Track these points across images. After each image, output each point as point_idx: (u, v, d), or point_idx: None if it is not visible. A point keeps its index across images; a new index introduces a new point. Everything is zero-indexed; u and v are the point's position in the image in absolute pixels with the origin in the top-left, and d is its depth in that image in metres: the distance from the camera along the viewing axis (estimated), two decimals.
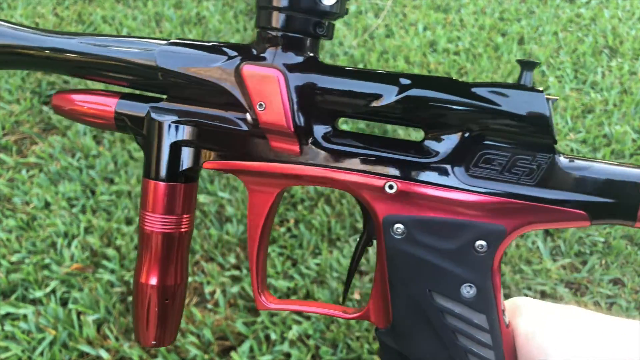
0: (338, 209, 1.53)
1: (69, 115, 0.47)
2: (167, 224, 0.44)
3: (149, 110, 0.44)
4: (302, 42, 0.40)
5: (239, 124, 0.42)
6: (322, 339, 1.23)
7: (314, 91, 0.40)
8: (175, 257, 0.45)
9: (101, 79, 0.46)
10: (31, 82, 2.04)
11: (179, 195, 0.44)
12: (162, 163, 0.43)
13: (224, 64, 0.41)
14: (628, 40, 2.42)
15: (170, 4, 2.54)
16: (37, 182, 1.61)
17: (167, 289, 0.45)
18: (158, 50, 0.42)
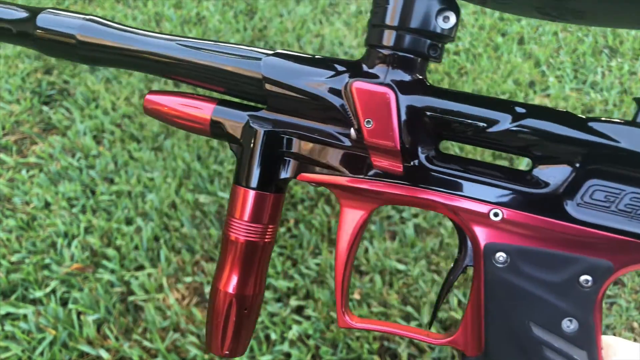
0: (338, 209, 1.53)
1: (161, 116, 0.47)
2: (253, 233, 0.44)
3: (248, 118, 0.44)
4: (413, 62, 0.39)
5: (340, 138, 0.42)
6: (322, 339, 1.23)
7: (423, 112, 0.39)
8: (256, 267, 0.45)
9: (198, 83, 0.46)
10: (31, 82, 2.04)
11: (267, 205, 0.44)
12: (256, 172, 0.43)
13: (332, 79, 0.41)
14: (628, 40, 2.42)
15: (170, 4, 2.54)
16: (37, 182, 1.61)
17: (246, 298, 0.45)
18: (264, 61, 0.42)
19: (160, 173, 1.63)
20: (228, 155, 1.69)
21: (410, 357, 1.21)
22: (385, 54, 0.39)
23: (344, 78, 0.40)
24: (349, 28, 2.47)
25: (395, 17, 0.38)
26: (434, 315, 0.46)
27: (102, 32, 0.46)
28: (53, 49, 0.47)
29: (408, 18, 0.38)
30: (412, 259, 1.40)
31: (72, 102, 1.94)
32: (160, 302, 1.29)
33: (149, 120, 1.84)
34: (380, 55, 0.40)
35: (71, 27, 0.46)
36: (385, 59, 0.39)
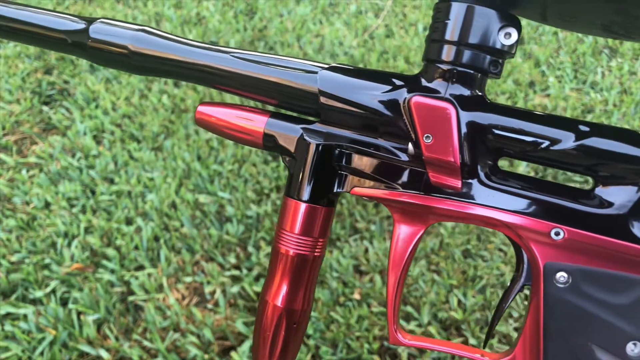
0: (338, 209, 1.53)
1: (213, 128, 0.47)
2: (303, 246, 0.44)
3: (302, 131, 0.44)
4: (473, 78, 0.39)
5: (396, 153, 0.41)
6: (322, 339, 1.23)
7: (483, 129, 0.39)
8: (305, 281, 0.45)
9: (251, 96, 0.46)
10: (31, 82, 2.04)
11: (318, 218, 0.44)
12: (308, 185, 0.43)
13: (390, 93, 0.40)
14: None
15: (170, 4, 2.54)
16: (37, 182, 1.61)
17: (295, 313, 0.44)
18: (320, 75, 0.42)
19: (160, 173, 1.63)
20: (228, 155, 1.69)
21: (410, 357, 1.21)
22: (445, 69, 0.39)
23: (402, 92, 0.40)
24: (349, 28, 2.47)
25: (456, 33, 0.38)
26: (488, 337, 0.45)
27: (155, 43, 0.46)
28: (106, 59, 0.47)
29: (469, 33, 0.38)
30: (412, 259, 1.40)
31: (72, 102, 1.94)
32: (160, 302, 1.30)
33: (149, 120, 1.84)
34: (440, 70, 0.39)
35: (124, 38, 0.46)
36: (444, 74, 0.39)
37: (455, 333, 1.26)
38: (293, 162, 0.44)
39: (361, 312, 1.26)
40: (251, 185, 1.60)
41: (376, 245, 1.43)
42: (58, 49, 0.49)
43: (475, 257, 1.43)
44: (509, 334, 1.26)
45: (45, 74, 2.11)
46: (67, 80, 2.07)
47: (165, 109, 1.90)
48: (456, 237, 1.46)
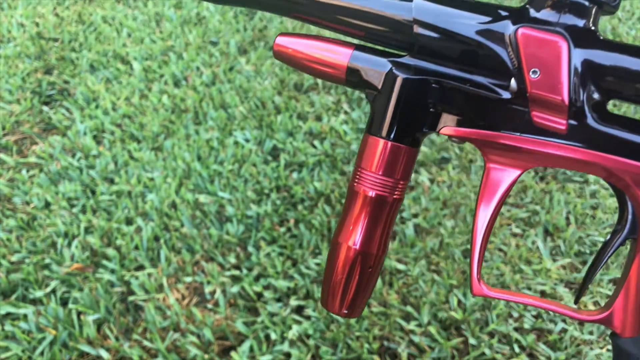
0: (338, 209, 1.53)
1: (292, 60, 0.44)
2: (384, 186, 0.41)
3: (391, 65, 0.40)
4: (588, 10, 0.36)
5: (495, 90, 0.38)
6: (322, 338, 1.23)
7: (596, 66, 0.36)
8: (383, 224, 0.42)
9: (335, 27, 0.43)
10: (31, 82, 2.04)
11: (402, 158, 0.41)
12: (394, 122, 0.40)
13: (493, 24, 0.37)
14: (628, 40, 2.42)
15: (170, 4, 2.54)
16: (37, 182, 1.61)
17: (371, 256, 0.42)
18: (416, 3, 0.39)
19: (160, 173, 1.63)
20: (228, 155, 1.69)
21: (410, 357, 1.21)
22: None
23: (507, 24, 0.37)
24: None
25: None
26: (581, 293, 0.43)
27: None
28: None
29: None
30: (412, 259, 1.40)
31: (72, 102, 1.94)
32: (160, 302, 1.30)
33: (149, 120, 1.84)
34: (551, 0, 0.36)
35: None
36: (555, 4, 0.36)
37: (455, 333, 1.26)
38: (379, 98, 0.41)
39: None
40: (251, 185, 1.60)
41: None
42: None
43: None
44: (508, 334, 1.26)
45: (45, 74, 2.11)
46: (67, 80, 2.07)
47: (165, 109, 1.90)
48: (456, 237, 1.46)
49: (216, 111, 1.88)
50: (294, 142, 1.75)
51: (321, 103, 1.92)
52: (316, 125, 1.81)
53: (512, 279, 1.36)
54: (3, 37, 2.30)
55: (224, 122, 1.83)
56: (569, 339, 1.26)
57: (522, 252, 1.44)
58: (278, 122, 1.83)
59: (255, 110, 1.90)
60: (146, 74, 2.08)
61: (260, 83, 2.01)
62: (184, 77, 2.07)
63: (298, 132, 1.80)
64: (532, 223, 1.54)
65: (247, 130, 1.80)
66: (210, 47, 2.23)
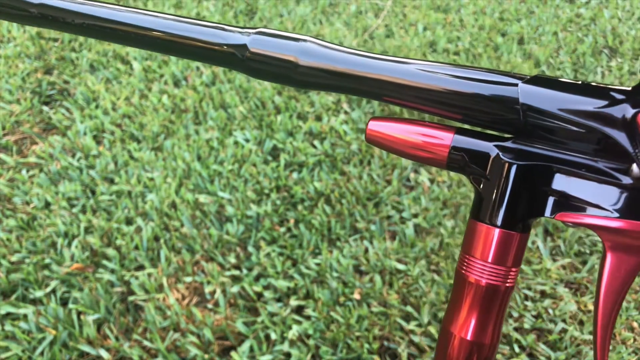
0: (338, 209, 1.53)
1: (388, 145, 0.43)
2: (495, 275, 0.40)
3: (498, 151, 0.39)
4: None
5: (614, 175, 0.37)
6: (322, 338, 1.23)
7: None
8: (495, 313, 0.41)
9: (434, 111, 0.42)
10: (31, 82, 2.04)
11: (513, 246, 0.40)
12: (505, 209, 0.39)
13: (610, 109, 0.36)
14: (628, 40, 2.42)
15: (170, 4, 2.54)
16: (37, 182, 1.61)
17: (484, 347, 0.41)
18: (522, 87, 0.38)
19: (160, 173, 1.63)
20: (228, 155, 1.69)
21: (410, 357, 1.21)
22: None
23: (626, 108, 0.36)
24: (349, 28, 2.47)
25: None
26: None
27: (324, 55, 0.42)
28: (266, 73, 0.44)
29: None
30: (412, 259, 1.40)
31: (72, 102, 1.94)
32: (160, 302, 1.30)
33: (149, 120, 1.84)
34: None
35: (289, 50, 0.43)
36: None
37: None
38: (485, 184, 0.40)
39: (361, 312, 1.26)
40: (251, 185, 1.60)
41: (376, 245, 1.43)
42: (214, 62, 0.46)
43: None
44: (508, 334, 1.26)
45: (45, 74, 2.11)
46: (67, 80, 2.07)
47: (165, 109, 1.90)
48: (456, 237, 1.46)
49: (216, 111, 1.88)
50: (294, 142, 1.75)
51: (321, 103, 1.92)
52: (316, 125, 1.81)
53: None
54: (3, 37, 2.30)
55: (224, 122, 1.83)
56: (569, 339, 1.26)
57: None
58: (278, 122, 1.83)
59: (255, 110, 1.90)
60: (146, 74, 2.08)
61: (260, 83, 2.01)
62: (184, 77, 2.07)
63: (298, 132, 1.80)
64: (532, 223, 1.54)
65: (247, 130, 1.80)
66: None
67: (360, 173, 1.65)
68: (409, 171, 1.67)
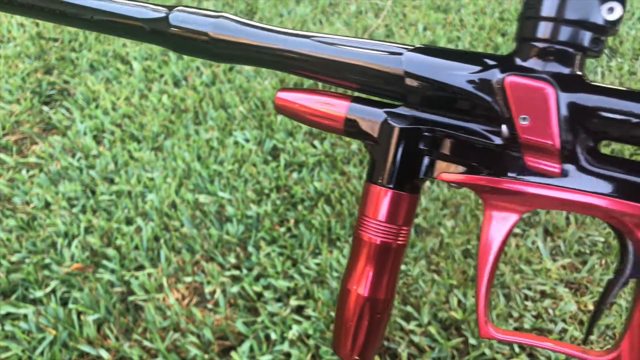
0: (338, 209, 1.53)
1: (293, 114, 0.46)
2: (387, 233, 0.42)
3: (386, 116, 0.42)
4: (573, 56, 0.37)
5: (488, 136, 0.39)
6: (322, 338, 1.23)
7: (584, 110, 0.37)
8: (389, 269, 0.43)
9: (332, 81, 0.44)
10: (31, 82, 2.04)
11: (403, 205, 0.42)
12: (393, 170, 0.42)
13: (482, 74, 0.39)
14: (628, 40, 2.42)
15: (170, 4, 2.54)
16: (37, 182, 1.61)
17: (379, 302, 0.43)
18: (406, 56, 0.41)
19: (160, 173, 1.63)
20: (228, 155, 1.69)
21: (410, 357, 1.22)
22: (542, 47, 0.37)
23: (495, 72, 0.38)
24: (349, 28, 2.47)
25: (554, 8, 0.36)
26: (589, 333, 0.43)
27: (236, 29, 0.45)
28: (186, 47, 0.47)
29: (568, 8, 0.36)
30: (412, 259, 1.40)
31: (72, 102, 1.94)
32: (160, 302, 1.30)
33: (149, 120, 1.84)
34: (536, 48, 0.37)
35: (204, 25, 0.46)
36: (541, 53, 0.37)
37: (455, 333, 1.26)
38: (376, 148, 0.43)
39: None
40: (251, 185, 1.60)
41: None
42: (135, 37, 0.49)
43: (476, 257, 1.43)
44: None
45: (45, 74, 2.11)
46: (67, 80, 2.07)
47: (165, 109, 1.90)
48: (456, 237, 1.46)
49: (216, 111, 1.88)
50: (294, 142, 1.75)
51: None
52: None
53: (512, 279, 1.36)
54: (3, 37, 2.30)
55: (224, 122, 1.83)
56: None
57: (522, 252, 1.44)
58: (278, 122, 1.83)
59: (255, 110, 1.90)
60: (146, 73, 2.08)
61: (260, 83, 2.01)
62: (184, 77, 2.07)
63: (298, 132, 1.80)
64: (532, 223, 1.54)
65: (247, 130, 1.80)
66: None
67: (360, 173, 1.65)
68: None
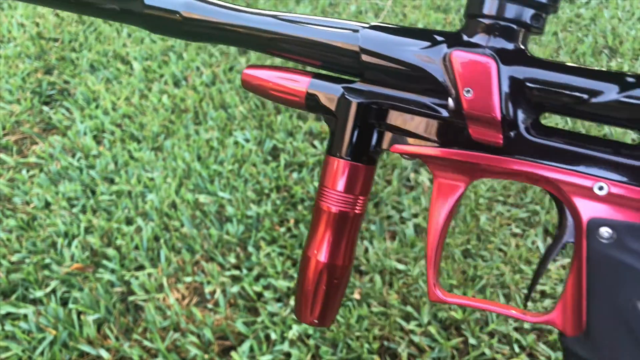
0: None
1: (258, 90, 0.48)
2: (344, 203, 0.44)
3: (343, 91, 0.44)
4: (515, 32, 0.39)
5: (437, 109, 0.41)
6: (322, 338, 1.23)
7: (524, 83, 0.39)
8: (346, 237, 0.45)
9: (295, 58, 0.46)
10: (31, 82, 2.04)
11: (360, 176, 0.44)
12: (350, 143, 0.44)
13: (430, 49, 0.41)
14: (628, 41, 2.43)
15: None
16: (37, 182, 1.61)
17: (337, 268, 0.45)
18: (362, 33, 0.43)
19: (160, 173, 1.63)
20: (228, 155, 1.69)
21: (410, 357, 1.22)
22: (487, 23, 0.39)
23: (443, 48, 0.40)
24: None
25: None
26: (530, 294, 0.45)
27: (206, 9, 0.47)
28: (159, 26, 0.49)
29: None
30: (412, 259, 1.40)
31: (72, 102, 1.94)
32: (161, 302, 1.30)
33: (149, 120, 1.84)
34: (481, 25, 0.39)
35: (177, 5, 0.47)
36: (485, 29, 0.39)
37: (455, 333, 1.26)
38: (334, 121, 0.45)
39: (361, 312, 1.26)
40: (251, 185, 1.60)
41: (376, 245, 1.43)
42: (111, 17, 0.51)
43: (475, 257, 1.43)
44: (508, 334, 1.26)
45: (45, 74, 2.11)
46: (67, 81, 2.07)
47: (165, 109, 1.90)
48: (456, 237, 1.46)
49: (216, 111, 1.88)
50: (294, 142, 1.75)
51: None
52: (316, 125, 1.81)
53: (512, 279, 1.36)
54: (3, 37, 2.30)
55: (224, 122, 1.83)
56: None
57: (522, 252, 1.44)
58: (278, 122, 1.83)
59: (255, 110, 1.90)
60: (146, 74, 2.08)
61: None
62: (184, 77, 2.07)
63: (298, 132, 1.80)
64: (532, 223, 1.54)
65: (247, 130, 1.80)
66: (210, 47, 2.23)
67: None
68: (409, 171, 1.68)
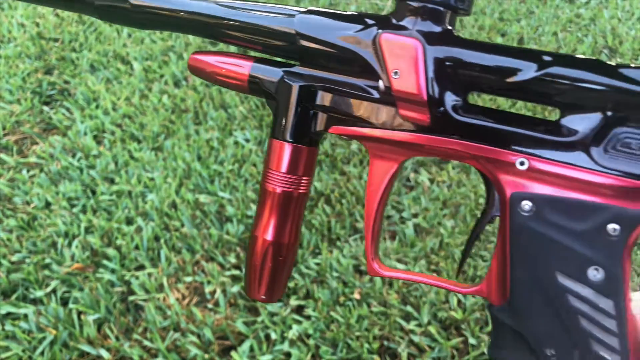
0: (338, 209, 1.53)
1: (203, 74, 0.49)
2: (288, 183, 0.46)
3: (283, 74, 0.45)
4: (442, 14, 0.41)
5: (369, 91, 0.43)
6: (322, 338, 1.23)
7: (450, 63, 0.40)
8: (291, 216, 0.47)
9: (237, 43, 0.48)
10: (32, 82, 2.05)
11: (302, 157, 0.46)
12: (290, 125, 0.45)
13: (362, 32, 0.42)
14: (627, 41, 2.43)
15: None
16: (37, 182, 1.61)
17: (282, 246, 0.47)
18: (298, 17, 0.44)
19: (160, 173, 1.63)
20: (228, 155, 1.70)
21: (410, 356, 1.22)
22: (414, 6, 0.41)
23: (373, 31, 0.42)
24: None
25: None
26: (461, 266, 0.47)
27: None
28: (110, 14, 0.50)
29: None
30: (412, 259, 1.40)
31: (72, 102, 1.94)
32: (161, 302, 1.30)
33: (149, 120, 1.84)
34: (409, 8, 0.41)
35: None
36: (413, 12, 0.41)
37: (455, 333, 1.26)
38: (276, 105, 0.46)
39: (361, 312, 1.26)
40: (251, 185, 1.60)
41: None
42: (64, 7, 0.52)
43: (475, 257, 1.43)
44: None
45: (45, 74, 2.11)
46: (67, 81, 2.07)
47: (165, 109, 1.90)
48: (456, 237, 1.46)
49: (216, 111, 1.88)
50: None
51: None
52: None
53: None
54: (3, 37, 2.30)
55: (224, 122, 1.83)
56: None
57: None
58: None
59: (255, 110, 1.90)
60: (146, 74, 2.08)
61: None
62: (184, 77, 2.07)
63: None
64: None
65: (247, 130, 1.80)
66: (211, 47, 2.23)
67: (360, 173, 1.66)
68: (409, 171, 1.68)
